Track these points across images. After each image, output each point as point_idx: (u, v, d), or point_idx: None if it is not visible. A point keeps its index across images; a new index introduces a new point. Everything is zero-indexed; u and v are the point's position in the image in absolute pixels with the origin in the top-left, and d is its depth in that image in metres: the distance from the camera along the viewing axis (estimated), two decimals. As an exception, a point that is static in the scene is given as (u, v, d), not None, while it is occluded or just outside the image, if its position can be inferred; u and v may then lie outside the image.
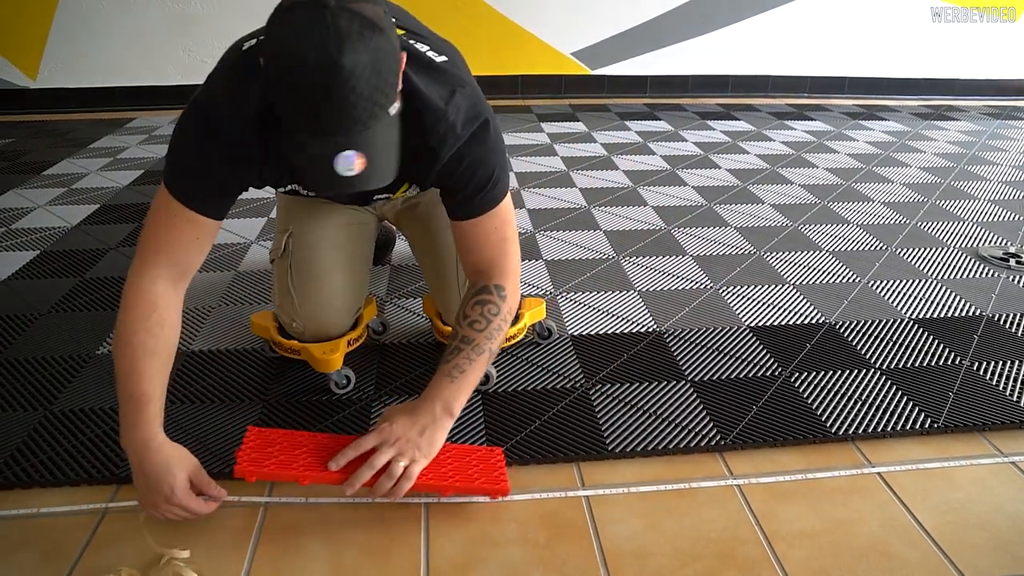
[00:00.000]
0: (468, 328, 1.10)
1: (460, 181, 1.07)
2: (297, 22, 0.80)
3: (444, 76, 1.02)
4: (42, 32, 3.51)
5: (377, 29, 0.81)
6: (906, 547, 1.02)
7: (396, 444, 1.03)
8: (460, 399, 1.08)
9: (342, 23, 0.79)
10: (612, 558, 0.99)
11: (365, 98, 0.81)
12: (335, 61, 0.78)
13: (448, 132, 1.01)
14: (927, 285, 1.80)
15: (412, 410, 1.07)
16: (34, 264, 1.88)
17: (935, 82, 4.22)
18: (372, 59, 0.81)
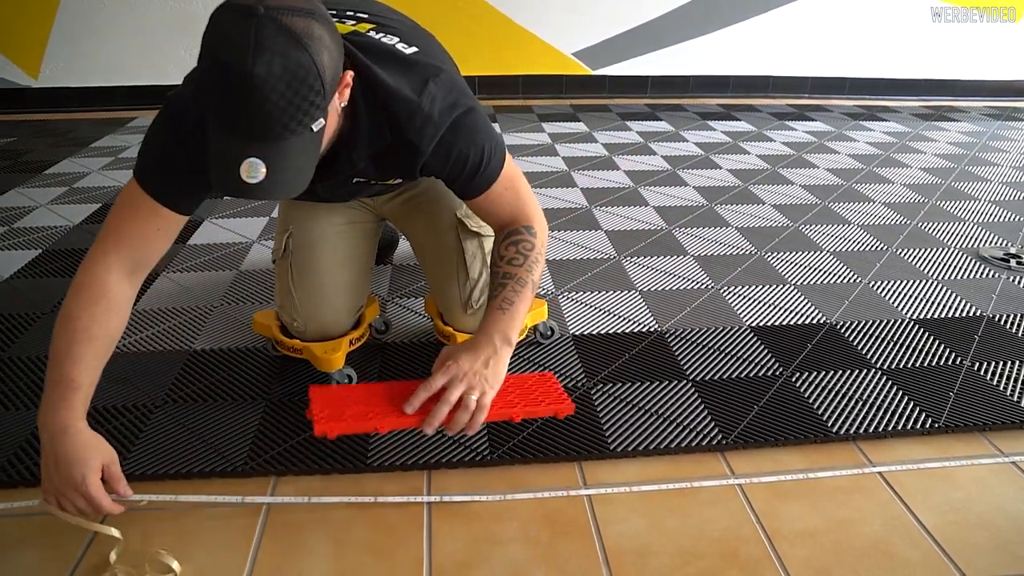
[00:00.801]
0: (507, 265, 1.15)
1: (454, 171, 1.08)
2: (225, 26, 0.80)
3: (415, 68, 1.02)
4: (44, 31, 3.51)
5: (301, 46, 0.80)
6: (907, 546, 1.03)
7: (465, 379, 1.06)
8: (515, 327, 1.13)
9: (264, 35, 0.78)
10: (614, 557, 1.00)
11: (278, 111, 0.81)
12: (249, 71, 0.78)
13: (425, 123, 1.00)
14: (928, 285, 1.80)
15: (473, 345, 1.10)
16: (36, 263, 1.89)
17: (935, 83, 4.23)
18: (287, 75, 0.79)
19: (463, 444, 1.20)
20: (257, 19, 0.78)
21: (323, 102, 0.84)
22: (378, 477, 1.14)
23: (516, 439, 1.21)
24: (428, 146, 1.02)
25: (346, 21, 1.06)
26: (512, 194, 1.16)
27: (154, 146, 1.01)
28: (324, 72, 0.82)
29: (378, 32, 1.04)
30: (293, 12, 0.81)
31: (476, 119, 1.07)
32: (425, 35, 1.12)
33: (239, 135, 0.82)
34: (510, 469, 1.16)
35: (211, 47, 0.81)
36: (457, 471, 1.16)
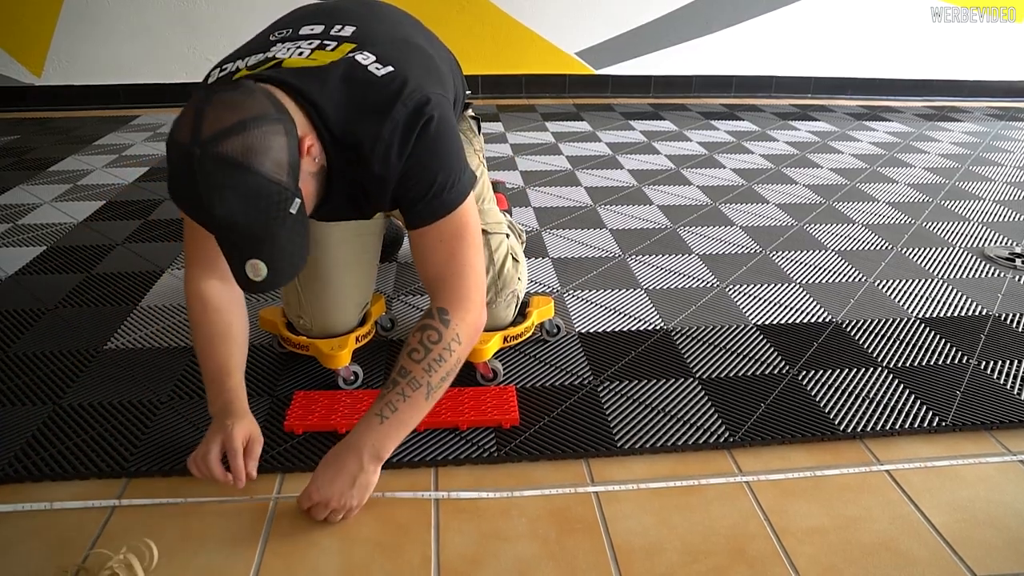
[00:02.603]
0: (407, 359, 1.03)
1: (401, 188, 1.03)
2: (174, 169, 0.87)
3: (383, 91, 0.98)
4: (47, 29, 3.51)
5: (243, 168, 0.84)
6: (916, 544, 1.02)
7: (330, 504, 1.02)
8: (391, 443, 1.03)
9: (207, 175, 0.84)
10: (622, 554, 1.00)
11: (252, 226, 0.87)
12: (209, 213, 0.86)
13: (388, 151, 0.98)
14: (933, 285, 1.80)
15: (339, 463, 1.03)
16: (41, 259, 1.88)
17: (939, 83, 4.22)
18: (244, 199, 0.85)
19: (470, 441, 1.20)
20: (196, 162, 0.83)
21: (288, 191, 0.89)
22: (385, 474, 1.13)
23: (522, 436, 1.21)
24: (394, 173, 1.00)
25: (327, 46, 1.05)
26: (446, 253, 1.05)
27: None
28: (277, 173, 0.87)
29: (357, 52, 1.03)
30: (226, 135, 0.84)
31: (435, 138, 1.00)
32: (406, 50, 1.08)
33: (232, 248, 0.91)
34: (517, 466, 1.16)
35: (169, 183, 0.89)
36: (464, 468, 1.16)
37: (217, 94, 0.88)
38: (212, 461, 1.04)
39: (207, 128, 0.84)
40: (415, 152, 0.99)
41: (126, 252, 1.94)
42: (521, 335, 1.40)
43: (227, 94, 0.88)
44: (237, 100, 0.87)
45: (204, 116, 0.85)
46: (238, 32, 3.60)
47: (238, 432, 1.06)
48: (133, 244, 1.99)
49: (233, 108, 0.86)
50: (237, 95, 0.88)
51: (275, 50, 1.06)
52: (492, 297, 1.32)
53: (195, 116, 0.85)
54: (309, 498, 1.02)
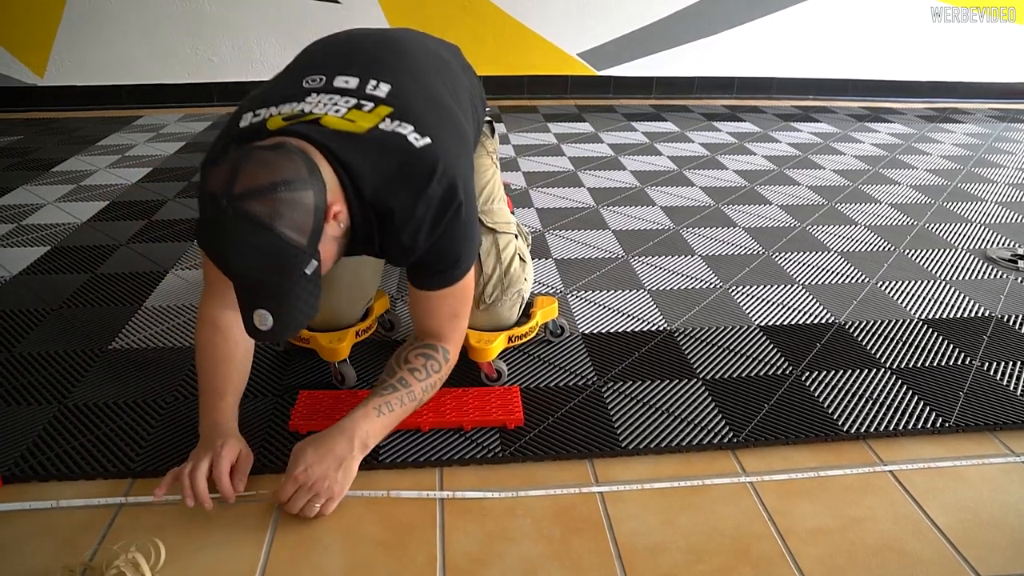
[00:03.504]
0: (408, 373, 1.13)
1: (428, 264, 1.10)
2: (203, 212, 0.93)
3: (421, 165, 1.02)
4: (50, 30, 3.52)
5: (266, 228, 0.89)
6: (920, 544, 1.03)
7: (313, 487, 1.02)
8: (379, 437, 1.10)
9: (232, 229, 0.88)
10: (627, 554, 1.00)
11: (267, 282, 0.92)
12: (229, 263, 0.91)
13: (418, 229, 1.04)
14: (936, 286, 1.80)
15: (329, 444, 1.04)
16: (45, 260, 1.89)
17: (940, 85, 4.23)
18: (263, 257, 0.90)
19: (475, 441, 1.20)
20: (223, 214, 0.88)
21: (306, 254, 0.93)
22: (390, 474, 1.14)
23: (527, 437, 1.21)
24: (420, 250, 1.06)
25: (364, 106, 1.07)
26: (449, 314, 1.16)
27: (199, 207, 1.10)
28: (298, 236, 0.91)
29: (394, 119, 1.05)
30: (256, 194, 0.88)
31: (466, 222, 1.08)
32: (444, 120, 1.11)
33: (246, 296, 0.94)
34: (522, 466, 1.17)
35: (199, 225, 0.94)
36: (469, 468, 1.16)
37: (257, 152, 0.92)
38: (199, 478, 1.02)
39: (240, 184, 0.88)
40: (443, 234, 1.06)
41: (130, 252, 1.95)
42: (525, 335, 1.40)
43: (266, 153, 0.92)
44: (273, 161, 0.91)
45: (240, 171, 0.89)
46: (240, 33, 3.64)
47: (227, 451, 1.05)
48: (137, 244, 2.00)
49: (268, 169, 0.90)
50: (275, 156, 0.92)
51: (310, 101, 1.07)
52: (498, 296, 1.33)
53: (231, 170, 0.90)
54: (295, 480, 1.01)
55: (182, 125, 3.40)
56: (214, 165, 0.96)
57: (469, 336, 1.32)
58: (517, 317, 1.39)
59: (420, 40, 1.30)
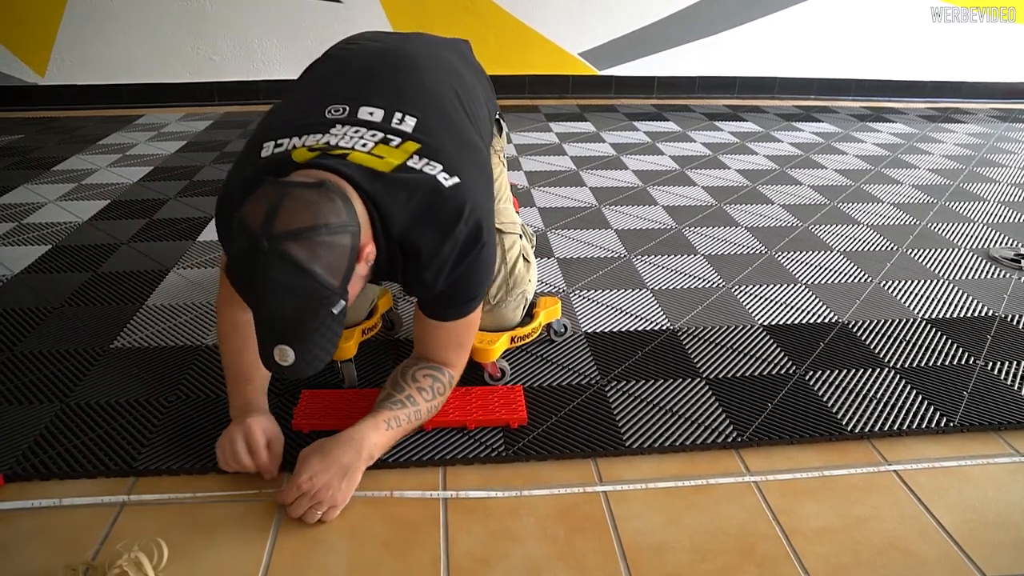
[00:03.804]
0: (417, 392, 1.14)
1: (442, 297, 1.11)
2: (238, 247, 0.91)
3: (447, 207, 1.03)
4: (51, 29, 3.51)
5: (303, 271, 0.89)
6: (925, 544, 1.02)
7: (316, 495, 1.02)
8: (384, 450, 1.11)
9: (269, 270, 0.88)
10: (631, 553, 0.99)
11: (296, 322, 0.91)
12: (263, 302, 0.90)
13: (443, 267, 1.05)
14: (939, 285, 1.80)
15: (338, 451, 1.05)
16: (47, 258, 1.89)
17: (942, 85, 4.22)
18: (296, 299, 0.90)
19: (478, 440, 1.20)
20: (261, 253, 0.88)
21: (337, 296, 0.93)
22: (394, 473, 1.14)
23: (530, 436, 1.21)
24: (442, 286, 1.08)
25: (391, 140, 1.07)
26: (456, 343, 1.18)
27: (220, 223, 1.11)
28: (332, 278, 0.91)
29: (422, 157, 1.05)
30: (296, 236, 0.88)
31: (486, 261, 1.10)
32: (471, 160, 1.12)
33: (270, 333, 0.93)
34: (525, 465, 1.16)
35: (233, 259, 0.93)
36: (472, 467, 1.16)
37: (297, 190, 0.91)
38: (241, 452, 1.06)
39: (280, 223, 0.88)
40: (464, 272, 1.07)
41: (131, 251, 1.94)
42: (528, 336, 1.40)
43: (308, 192, 0.92)
44: (315, 202, 0.91)
45: (280, 210, 0.89)
46: (242, 33, 3.64)
47: (258, 428, 1.08)
48: (138, 243, 1.99)
49: (310, 210, 0.90)
50: (316, 196, 0.92)
51: (335, 133, 1.06)
52: (502, 297, 1.33)
53: (270, 207, 0.89)
54: (298, 488, 1.01)
55: (183, 124, 3.40)
56: (241, 195, 0.96)
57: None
58: (521, 318, 1.39)
59: (434, 55, 1.30)
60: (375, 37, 1.36)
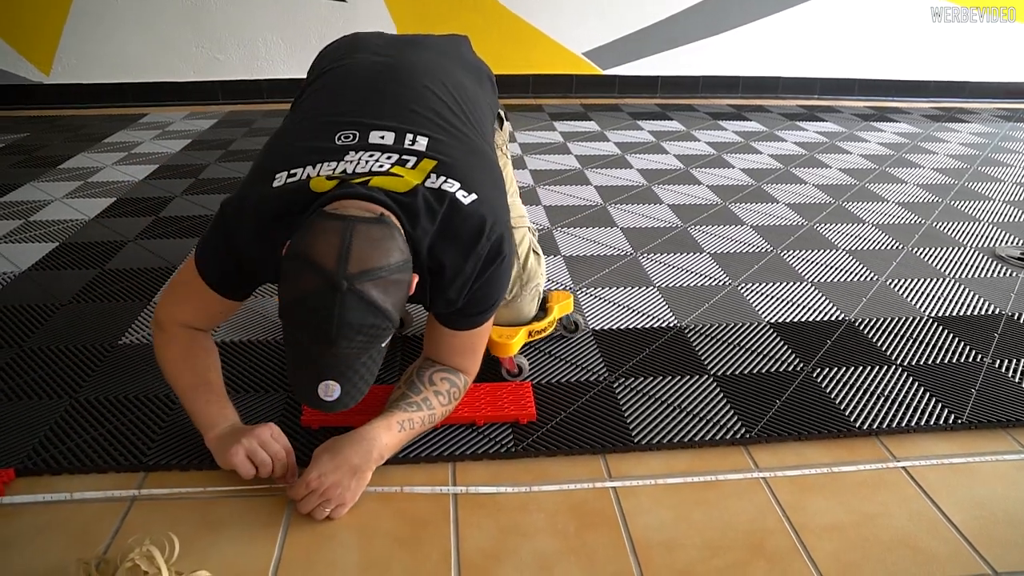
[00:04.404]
0: (434, 396, 1.14)
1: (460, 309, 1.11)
2: (310, 294, 0.88)
3: (471, 223, 1.03)
4: (56, 28, 3.52)
5: (378, 312, 0.89)
6: (934, 541, 1.02)
7: (326, 492, 1.02)
8: (394, 451, 1.11)
9: (346, 310, 0.87)
10: (642, 549, 1.00)
11: (353, 359, 0.91)
12: (332, 341, 0.88)
13: (465, 283, 1.06)
14: (945, 284, 1.80)
15: (351, 450, 1.05)
16: (53, 255, 1.89)
17: (946, 84, 4.22)
18: (365, 339, 0.90)
19: (487, 436, 1.20)
20: (340, 295, 0.87)
21: (393, 330, 0.94)
22: (403, 469, 1.14)
23: (539, 432, 1.21)
24: (463, 300, 1.08)
25: (407, 161, 1.07)
26: (469, 350, 1.18)
27: (212, 250, 1.09)
28: (395, 315, 0.92)
29: (439, 175, 1.05)
30: (371, 276, 0.89)
31: (505, 274, 1.11)
32: (488, 176, 1.13)
33: (317, 368, 0.91)
34: (534, 461, 1.16)
35: (298, 301, 0.90)
36: (482, 463, 1.16)
37: (361, 226, 0.91)
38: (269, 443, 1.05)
39: (354, 263, 0.88)
40: (483, 284, 1.08)
41: (138, 248, 1.94)
42: (545, 330, 1.41)
43: (373, 230, 0.92)
44: (382, 240, 0.91)
45: (352, 248, 0.89)
46: (246, 32, 3.64)
47: (278, 430, 1.08)
48: (145, 241, 2.00)
49: (380, 250, 0.91)
50: (381, 233, 0.92)
51: (350, 160, 1.06)
52: (517, 292, 1.33)
53: (341, 245, 0.88)
54: (307, 485, 1.01)
55: (188, 123, 3.40)
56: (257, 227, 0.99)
57: (491, 332, 1.32)
58: (536, 311, 1.39)
59: (433, 64, 1.30)
60: (375, 47, 1.36)
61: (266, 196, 1.03)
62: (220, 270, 1.08)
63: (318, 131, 1.13)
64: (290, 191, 1.02)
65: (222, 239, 1.06)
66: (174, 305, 1.15)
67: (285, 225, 0.99)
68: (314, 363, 0.91)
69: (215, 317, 1.18)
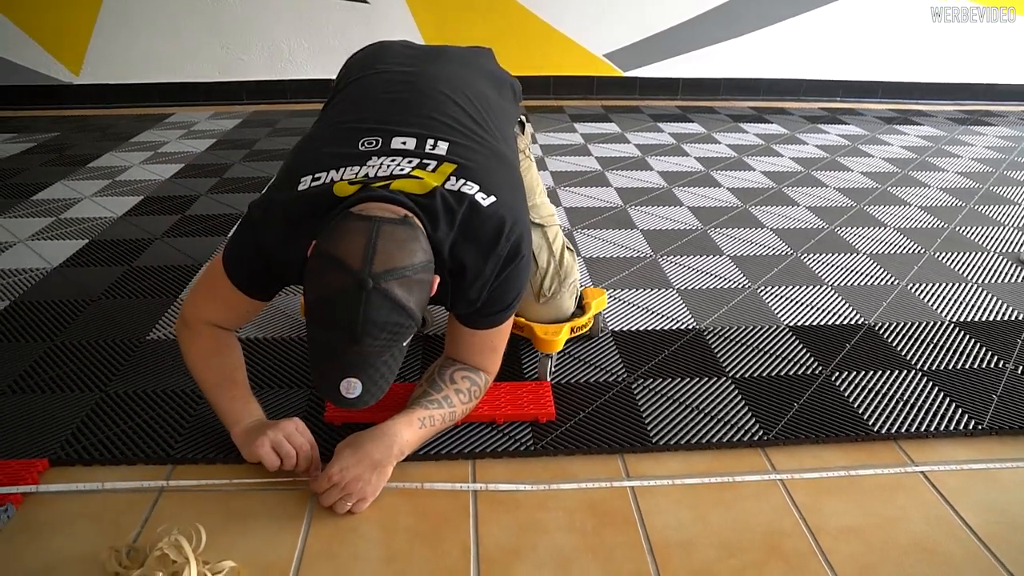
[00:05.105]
0: (455, 394, 1.16)
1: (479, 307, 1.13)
2: (336, 292, 0.91)
3: (490, 224, 1.05)
4: (86, 30, 3.59)
5: (403, 311, 0.92)
6: (953, 545, 1.02)
7: (347, 487, 1.04)
8: (415, 447, 1.13)
9: (371, 308, 0.90)
10: (659, 548, 1.01)
11: (376, 357, 0.94)
12: (357, 340, 0.90)
13: (485, 284, 1.08)
14: (967, 289, 1.79)
15: (372, 446, 1.07)
16: (84, 252, 1.93)
17: (971, 87, 4.18)
18: (389, 336, 0.92)
19: (507, 434, 1.22)
20: (366, 294, 0.89)
21: (415, 328, 0.96)
22: (424, 465, 1.16)
23: (558, 431, 1.23)
24: (483, 300, 1.10)
25: (427, 164, 1.09)
26: (489, 349, 1.20)
27: (238, 251, 1.11)
28: (418, 314, 0.95)
29: (459, 178, 1.07)
30: (396, 275, 0.91)
31: (523, 273, 1.12)
32: (505, 179, 1.14)
33: (341, 366, 0.93)
34: (553, 460, 1.18)
35: (324, 299, 0.92)
36: (501, 460, 1.17)
37: (387, 226, 0.94)
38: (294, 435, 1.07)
39: (379, 263, 0.91)
40: (502, 283, 1.09)
41: (165, 246, 1.98)
42: (585, 326, 1.42)
43: (398, 230, 0.94)
44: (407, 241, 0.94)
45: (378, 248, 0.91)
46: (270, 33, 3.68)
47: (299, 426, 1.10)
48: (171, 239, 2.04)
49: (403, 249, 0.93)
50: (406, 234, 0.94)
51: (372, 164, 1.08)
52: (556, 288, 1.35)
53: (367, 245, 0.91)
54: (329, 479, 1.04)
55: (212, 122, 3.45)
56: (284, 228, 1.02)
57: (535, 329, 1.34)
58: (575, 308, 1.41)
59: (456, 75, 1.32)
60: (399, 58, 1.39)
61: (291, 199, 1.06)
62: (247, 270, 1.11)
63: (343, 137, 1.16)
64: (314, 194, 1.05)
65: (249, 240, 1.09)
66: (201, 304, 1.17)
67: (309, 227, 1.01)
68: (337, 360, 0.94)
69: (241, 317, 1.20)
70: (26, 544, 0.99)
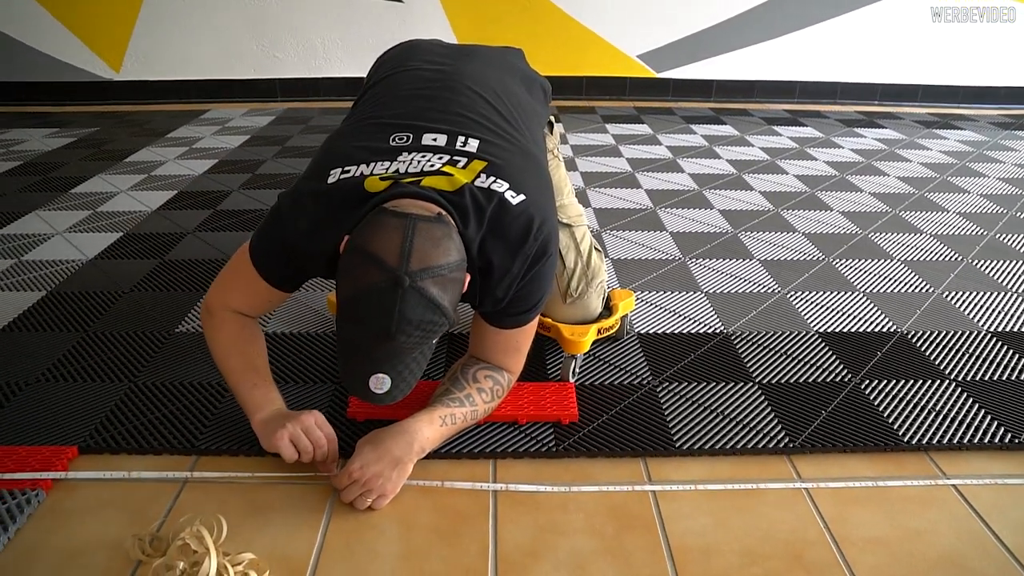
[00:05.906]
0: (477, 393, 1.16)
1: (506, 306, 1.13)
2: (371, 289, 0.91)
3: (519, 222, 1.05)
4: (127, 28, 3.66)
5: (437, 309, 0.92)
6: (984, 562, 1.00)
7: (367, 483, 1.04)
8: (435, 444, 1.13)
9: (407, 306, 0.90)
10: (679, 553, 0.99)
11: (408, 352, 0.95)
12: (391, 336, 0.91)
13: (512, 282, 1.08)
14: (1006, 298, 1.74)
15: (393, 442, 1.07)
16: (118, 245, 1.97)
17: (1016, 90, 4.06)
18: (422, 334, 0.93)
19: (529, 435, 1.21)
20: (402, 292, 0.90)
21: (447, 326, 0.97)
22: (444, 464, 1.16)
23: (581, 433, 1.22)
24: (510, 298, 1.10)
25: (458, 161, 1.09)
26: (513, 348, 1.19)
27: (266, 242, 1.12)
28: (451, 312, 0.95)
29: (488, 175, 1.07)
30: (432, 274, 0.92)
31: (549, 272, 1.12)
32: (534, 176, 1.14)
33: (371, 361, 0.94)
34: (575, 462, 1.17)
35: (358, 295, 0.92)
36: (523, 461, 1.17)
37: (423, 224, 0.94)
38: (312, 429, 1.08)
39: (416, 260, 0.91)
40: (528, 282, 1.09)
41: (196, 240, 2.01)
42: (612, 327, 1.41)
43: (434, 228, 0.95)
44: (442, 239, 0.95)
45: (413, 246, 0.92)
46: (304, 31, 3.73)
47: (318, 419, 1.10)
48: (203, 233, 2.07)
49: (439, 247, 0.94)
50: (440, 232, 0.95)
51: (403, 160, 1.08)
52: (583, 289, 1.34)
53: (403, 242, 0.92)
54: (350, 475, 1.04)
55: (247, 119, 3.50)
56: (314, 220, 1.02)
57: (562, 330, 1.34)
58: (601, 308, 1.40)
59: (486, 75, 1.32)
60: (430, 56, 1.39)
61: (321, 191, 1.06)
62: (273, 261, 1.12)
63: (373, 132, 1.16)
64: (344, 187, 1.05)
65: (277, 231, 1.10)
66: (225, 292, 1.19)
67: (337, 220, 1.02)
68: (368, 355, 0.94)
69: (264, 306, 1.21)
70: (54, 529, 1.01)
